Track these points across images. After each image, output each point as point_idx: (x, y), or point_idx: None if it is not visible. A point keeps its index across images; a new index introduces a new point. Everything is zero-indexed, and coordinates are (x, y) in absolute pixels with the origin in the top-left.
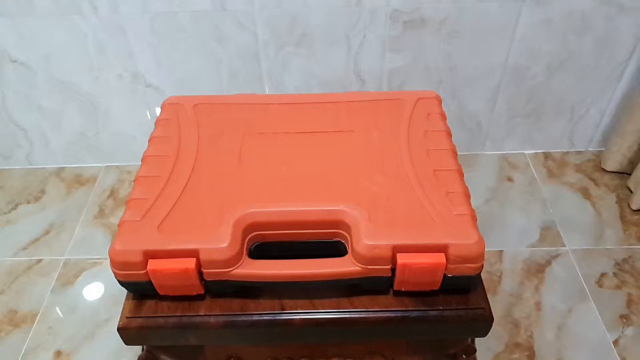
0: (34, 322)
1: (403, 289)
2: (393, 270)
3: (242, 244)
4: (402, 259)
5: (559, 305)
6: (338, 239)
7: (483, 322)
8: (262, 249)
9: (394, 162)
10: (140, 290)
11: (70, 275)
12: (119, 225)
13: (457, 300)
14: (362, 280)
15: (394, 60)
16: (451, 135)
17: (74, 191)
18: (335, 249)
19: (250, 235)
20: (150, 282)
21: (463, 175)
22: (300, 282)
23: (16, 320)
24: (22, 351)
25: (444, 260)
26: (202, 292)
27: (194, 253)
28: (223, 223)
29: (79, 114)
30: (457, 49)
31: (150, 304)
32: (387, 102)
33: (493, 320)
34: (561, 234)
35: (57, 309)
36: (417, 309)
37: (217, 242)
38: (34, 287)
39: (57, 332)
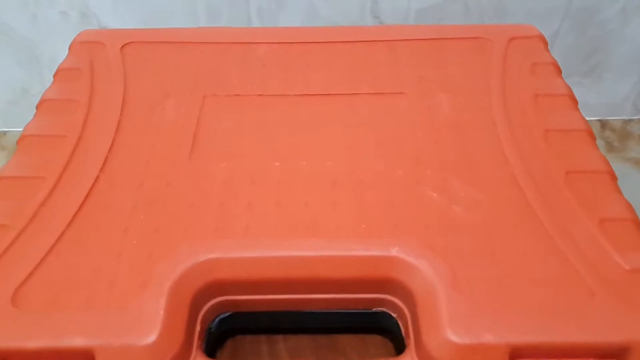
0: None
1: None
2: None
3: (191, 329)
4: None
5: None
6: (383, 309)
7: None
8: (234, 319)
9: (486, 155)
10: None
11: None
12: None
13: None
14: None
15: None
16: (577, 103)
17: None
18: (375, 320)
19: (208, 305)
20: None
21: (617, 180)
22: None
23: None
24: None
25: None
26: None
27: (85, 355)
28: (150, 284)
29: (17, 65)
30: None
31: None
32: (457, 43)
33: None
34: None
35: None
36: None
37: (135, 330)
38: None
39: None
